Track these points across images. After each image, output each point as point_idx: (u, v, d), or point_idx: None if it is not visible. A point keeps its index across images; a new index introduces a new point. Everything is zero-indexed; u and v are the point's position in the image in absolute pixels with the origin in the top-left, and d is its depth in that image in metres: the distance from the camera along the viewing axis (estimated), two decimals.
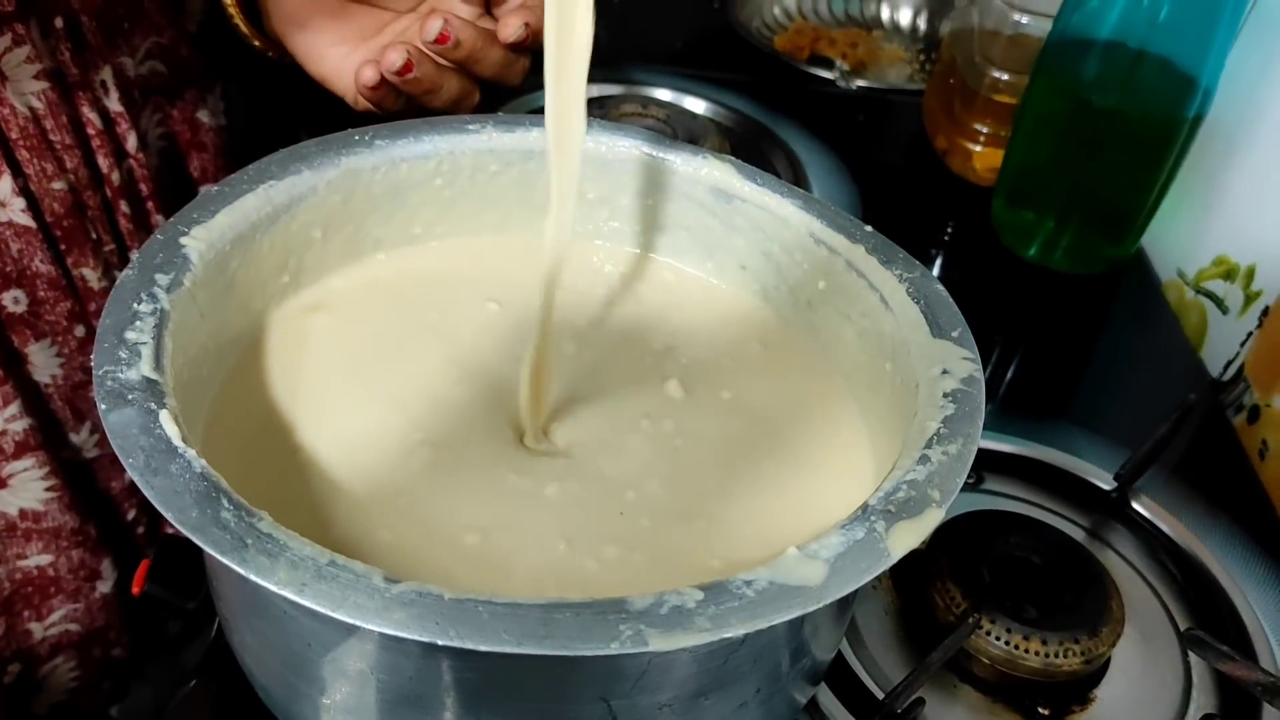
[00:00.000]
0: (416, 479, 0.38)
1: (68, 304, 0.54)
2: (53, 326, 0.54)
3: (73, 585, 0.57)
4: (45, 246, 0.52)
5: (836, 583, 0.30)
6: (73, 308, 0.54)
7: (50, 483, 0.54)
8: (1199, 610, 0.53)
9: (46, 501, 0.54)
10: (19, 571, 0.55)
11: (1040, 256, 0.78)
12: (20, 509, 0.54)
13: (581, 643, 0.27)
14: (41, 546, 0.55)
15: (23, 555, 0.55)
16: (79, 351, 0.55)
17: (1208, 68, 0.68)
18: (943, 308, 0.40)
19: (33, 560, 0.55)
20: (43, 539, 0.55)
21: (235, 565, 0.27)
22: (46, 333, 0.53)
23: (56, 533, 0.55)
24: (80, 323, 0.55)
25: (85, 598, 0.58)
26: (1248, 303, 0.71)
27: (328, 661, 0.32)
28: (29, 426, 0.53)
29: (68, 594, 0.57)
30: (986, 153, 0.83)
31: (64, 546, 0.56)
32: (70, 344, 0.55)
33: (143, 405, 0.31)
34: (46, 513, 0.55)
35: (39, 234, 0.51)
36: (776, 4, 1.10)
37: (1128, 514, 0.58)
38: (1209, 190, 0.76)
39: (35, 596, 0.56)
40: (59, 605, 0.57)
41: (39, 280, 0.52)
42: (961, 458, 0.34)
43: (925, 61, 1.03)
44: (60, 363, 0.54)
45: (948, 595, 0.48)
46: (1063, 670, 0.47)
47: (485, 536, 0.36)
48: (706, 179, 0.46)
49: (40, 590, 0.56)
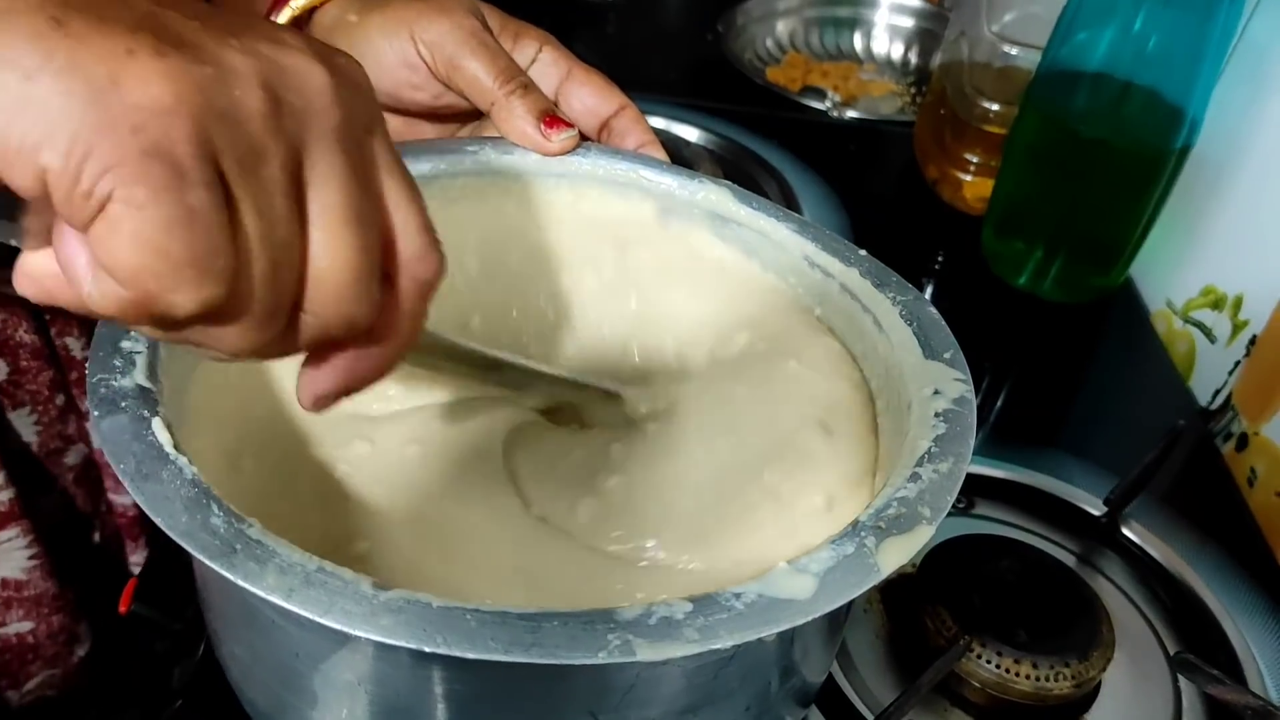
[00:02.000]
0: (412, 483, 0.38)
1: (49, 373, 0.53)
2: (33, 395, 0.53)
3: (51, 651, 0.56)
4: (30, 317, 0.52)
5: (826, 596, 0.29)
6: (54, 377, 0.54)
7: (33, 551, 0.53)
8: (1188, 635, 0.53)
9: (29, 570, 0.54)
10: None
11: (1030, 285, 0.78)
12: (2, 578, 0.53)
13: (569, 652, 0.27)
14: (22, 614, 0.54)
15: (3, 623, 0.54)
16: (58, 420, 0.55)
17: (1195, 99, 0.69)
18: (935, 330, 0.40)
19: (12, 628, 0.54)
20: (24, 606, 0.54)
21: (223, 570, 0.27)
22: (26, 401, 0.53)
23: (38, 600, 0.54)
24: (60, 391, 0.54)
25: (63, 662, 0.57)
26: (1235, 332, 0.71)
27: (316, 673, 0.32)
28: (13, 496, 0.52)
29: (46, 660, 0.56)
30: (977, 182, 0.84)
31: (44, 613, 0.55)
32: (50, 412, 0.54)
33: (135, 412, 0.31)
34: (29, 581, 0.54)
35: (24, 305, 0.51)
36: (769, 36, 1.11)
37: (1117, 539, 0.58)
38: (1197, 220, 0.76)
39: (14, 664, 0.55)
40: (37, 672, 0.56)
41: (22, 350, 0.52)
42: (952, 476, 0.34)
43: (916, 94, 1.05)
44: (39, 430, 0.54)
45: (938, 619, 0.48)
46: (1053, 694, 0.47)
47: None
48: (703, 203, 0.46)
49: (19, 657, 0.55)
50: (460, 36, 0.43)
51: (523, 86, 0.44)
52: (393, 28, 0.44)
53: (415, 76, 0.45)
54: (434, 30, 0.43)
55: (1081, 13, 0.69)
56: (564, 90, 0.46)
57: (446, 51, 0.43)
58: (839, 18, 1.13)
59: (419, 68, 0.44)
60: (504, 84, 0.43)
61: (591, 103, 0.46)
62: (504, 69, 0.43)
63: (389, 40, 0.44)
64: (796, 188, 0.85)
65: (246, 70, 0.23)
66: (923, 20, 1.12)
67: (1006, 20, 0.83)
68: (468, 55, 0.43)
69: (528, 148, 0.44)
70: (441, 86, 0.45)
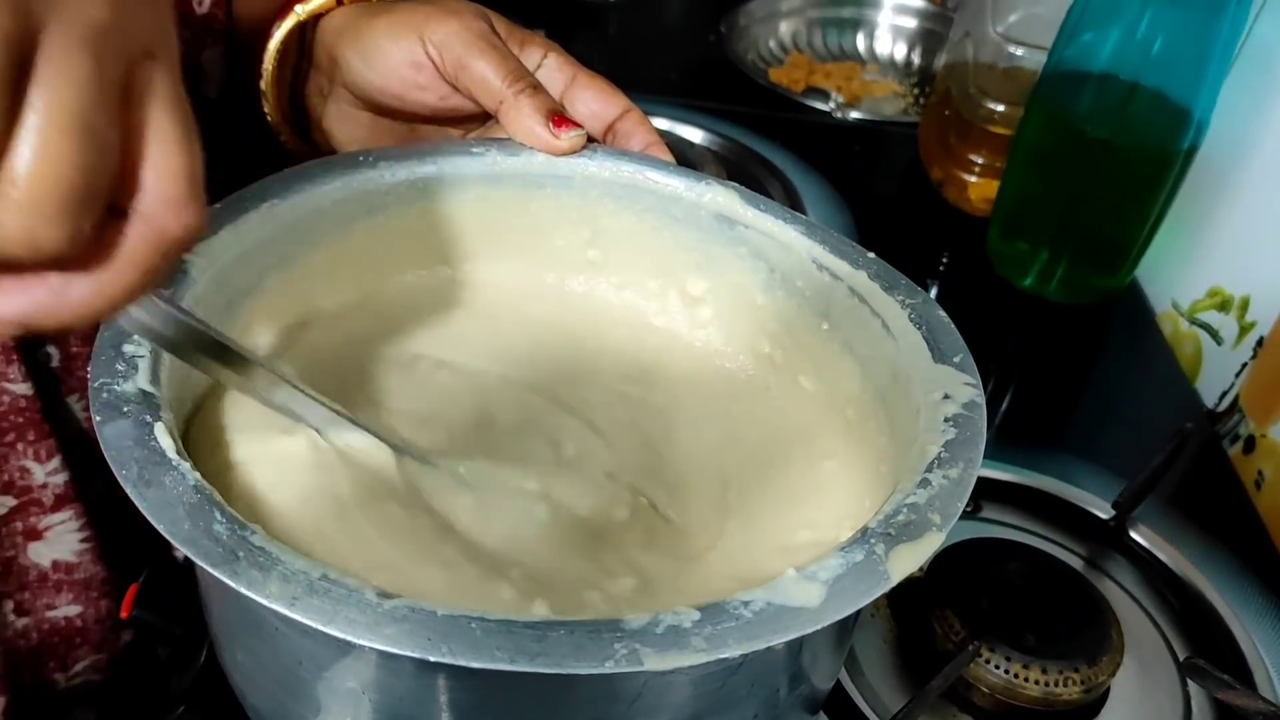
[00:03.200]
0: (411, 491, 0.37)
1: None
2: (83, 382, 0.53)
3: (98, 635, 0.56)
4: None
5: (835, 605, 0.29)
6: None
7: (84, 534, 0.54)
8: (1197, 639, 0.53)
9: (80, 553, 0.54)
10: (46, 622, 0.55)
11: (1035, 287, 0.78)
12: (54, 560, 0.53)
13: (575, 661, 0.26)
14: (72, 598, 0.55)
15: (52, 605, 0.54)
16: None
17: (1201, 100, 0.68)
18: (944, 333, 0.40)
19: (61, 611, 0.55)
20: (73, 590, 0.54)
21: (226, 578, 0.26)
22: (76, 388, 0.53)
23: (87, 584, 0.55)
24: None
25: (109, 647, 0.57)
26: (1242, 334, 0.71)
27: (319, 680, 0.31)
28: (67, 479, 0.52)
29: (93, 644, 0.56)
30: (981, 183, 0.84)
31: (93, 597, 0.55)
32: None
33: (138, 418, 0.30)
34: (79, 564, 0.54)
35: None
36: (772, 37, 1.11)
37: (1125, 543, 0.58)
38: (1203, 222, 0.76)
39: (62, 647, 0.56)
40: (84, 656, 0.57)
41: (73, 336, 0.52)
42: (962, 482, 0.33)
43: (919, 95, 1.04)
44: (86, 417, 0.54)
45: (946, 623, 0.48)
46: (1062, 699, 0.46)
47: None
48: (710, 204, 0.46)
49: (67, 640, 0.56)
50: (469, 38, 0.44)
51: (531, 87, 0.44)
52: (400, 29, 0.44)
53: (421, 77, 0.45)
54: (443, 31, 0.44)
55: (1087, 13, 0.69)
56: (568, 96, 0.46)
57: (455, 52, 0.43)
58: (842, 18, 1.12)
59: (426, 68, 0.44)
60: (512, 84, 0.43)
61: (596, 107, 0.46)
62: (512, 70, 0.43)
63: (396, 41, 0.44)
64: (800, 189, 0.85)
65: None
66: (926, 21, 1.11)
67: (1011, 21, 0.82)
68: (476, 56, 0.43)
69: (536, 147, 0.44)
70: (447, 88, 0.45)
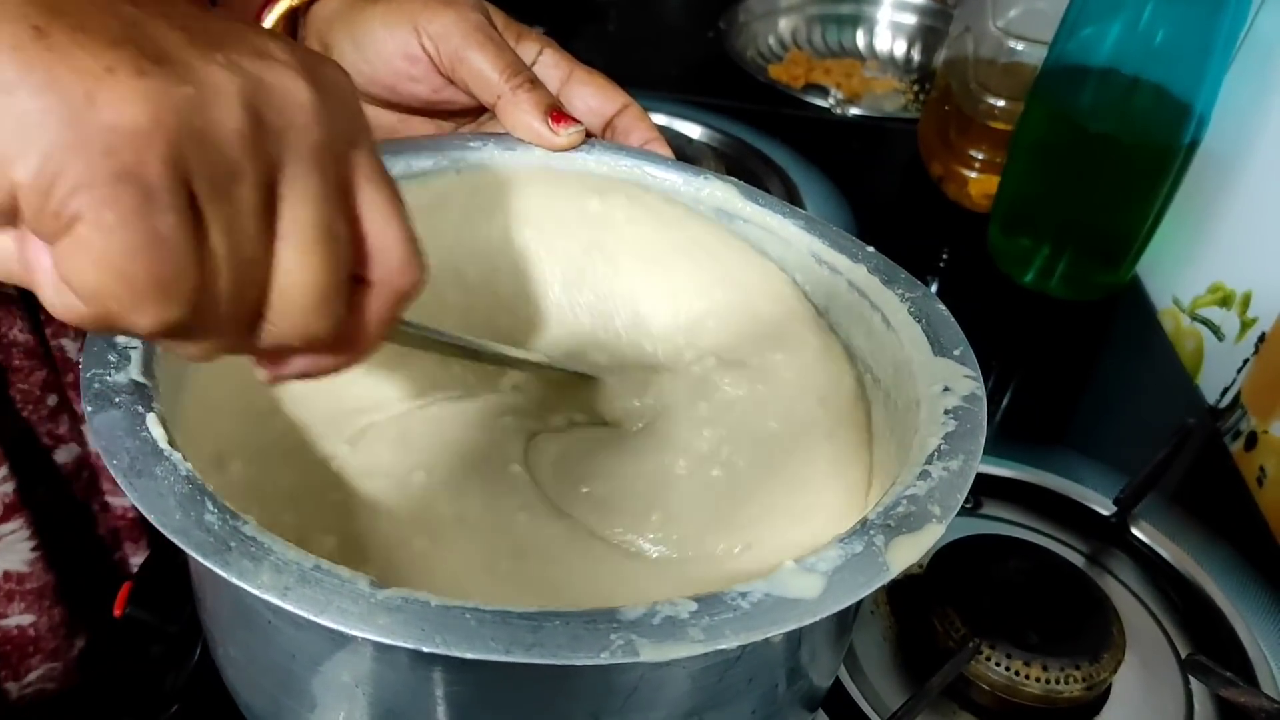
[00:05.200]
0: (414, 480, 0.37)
1: (42, 373, 0.53)
2: (24, 395, 0.53)
3: (51, 643, 0.56)
4: (25, 316, 0.51)
5: (834, 596, 0.29)
6: (47, 377, 0.53)
7: (34, 543, 0.53)
8: (1199, 636, 0.53)
9: (31, 562, 0.53)
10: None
11: (1036, 283, 0.78)
12: (4, 570, 0.53)
13: (570, 651, 0.26)
14: (24, 607, 0.54)
15: (4, 615, 0.54)
16: (48, 419, 0.54)
17: (1202, 95, 0.68)
18: (944, 327, 0.39)
19: (14, 620, 0.54)
20: (25, 599, 0.54)
21: (218, 569, 0.26)
22: (17, 399, 0.52)
23: (40, 593, 0.54)
24: (53, 392, 0.54)
25: (63, 655, 0.57)
26: (1244, 329, 0.71)
27: (313, 674, 0.31)
28: (15, 488, 0.52)
29: (46, 653, 0.56)
30: (982, 179, 0.84)
31: (46, 606, 0.55)
32: (40, 411, 0.54)
33: (130, 408, 0.30)
34: (31, 573, 0.54)
35: (20, 303, 0.51)
36: (771, 34, 1.10)
37: (1127, 540, 0.57)
38: (1204, 217, 0.76)
39: (14, 656, 0.55)
40: (37, 665, 0.56)
41: (15, 349, 0.51)
42: (963, 474, 0.33)
43: (919, 91, 1.04)
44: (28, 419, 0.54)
45: (947, 621, 0.47)
46: (1064, 697, 0.46)
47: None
48: (709, 199, 0.45)
49: (19, 650, 0.55)
50: (466, 29, 0.43)
51: (529, 81, 0.43)
52: (395, 19, 0.43)
53: (415, 69, 0.44)
54: (439, 22, 0.43)
55: (1088, 7, 0.69)
56: (566, 92, 0.46)
57: (452, 44, 0.43)
58: (841, 15, 1.12)
59: (420, 60, 0.43)
60: (510, 78, 0.42)
61: (594, 103, 0.46)
62: (510, 63, 0.43)
63: (390, 31, 0.43)
64: (800, 186, 0.85)
65: (228, 88, 0.23)
66: (925, 17, 1.11)
67: (1012, 15, 0.82)
68: (474, 48, 0.42)
69: (534, 143, 0.44)
70: (441, 81, 0.44)
